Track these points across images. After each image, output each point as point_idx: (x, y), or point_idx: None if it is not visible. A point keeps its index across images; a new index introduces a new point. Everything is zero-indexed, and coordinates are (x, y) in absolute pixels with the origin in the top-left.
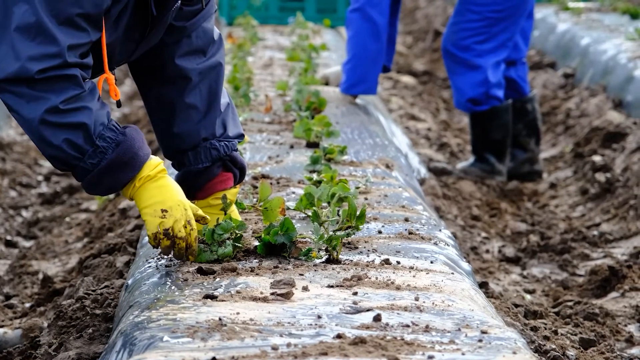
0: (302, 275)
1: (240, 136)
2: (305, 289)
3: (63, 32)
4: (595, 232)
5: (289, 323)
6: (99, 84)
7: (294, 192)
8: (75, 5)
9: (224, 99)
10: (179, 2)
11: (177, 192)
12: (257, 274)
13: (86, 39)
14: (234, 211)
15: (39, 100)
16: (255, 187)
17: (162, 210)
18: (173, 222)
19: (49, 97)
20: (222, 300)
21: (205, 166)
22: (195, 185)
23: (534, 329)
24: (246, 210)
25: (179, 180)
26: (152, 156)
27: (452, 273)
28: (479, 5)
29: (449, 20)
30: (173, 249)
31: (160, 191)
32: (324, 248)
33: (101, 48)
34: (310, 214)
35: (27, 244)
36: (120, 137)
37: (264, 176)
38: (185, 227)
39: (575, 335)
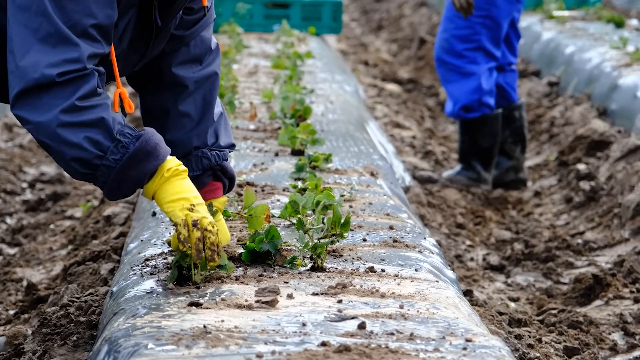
0: (287, 283)
1: (232, 146)
2: (290, 296)
3: (82, 42)
4: (580, 241)
5: (273, 331)
6: (114, 100)
7: (278, 200)
8: (89, 16)
9: (218, 108)
10: (181, 11)
11: (200, 195)
12: (242, 282)
13: (101, 50)
14: (220, 220)
15: (53, 103)
16: (239, 195)
17: (192, 205)
18: (201, 217)
19: (66, 97)
20: (207, 308)
21: (196, 174)
22: None
23: (518, 337)
24: (231, 218)
25: None
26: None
27: (437, 281)
28: None
29: (439, 28)
30: (203, 243)
31: (189, 187)
32: (308, 256)
33: (110, 62)
34: (295, 221)
35: (12, 251)
36: (140, 132)
37: (248, 183)
38: (213, 227)
39: (560, 343)
